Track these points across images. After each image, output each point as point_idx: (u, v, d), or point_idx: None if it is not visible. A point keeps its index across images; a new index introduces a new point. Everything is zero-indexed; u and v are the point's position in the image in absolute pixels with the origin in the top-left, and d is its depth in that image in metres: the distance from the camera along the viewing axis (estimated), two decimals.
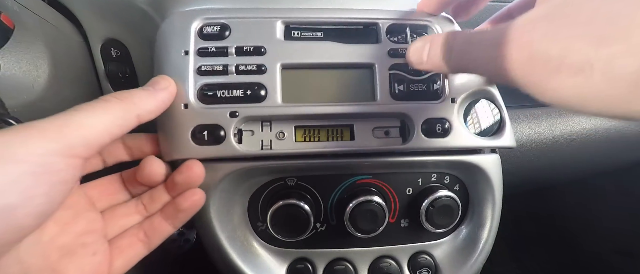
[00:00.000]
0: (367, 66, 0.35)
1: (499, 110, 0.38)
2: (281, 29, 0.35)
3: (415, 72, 0.36)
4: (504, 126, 0.38)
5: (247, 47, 0.34)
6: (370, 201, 0.38)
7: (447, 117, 0.36)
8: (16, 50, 0.32)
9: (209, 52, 0.33)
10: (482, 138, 0.37)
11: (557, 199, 0.86)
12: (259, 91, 0.34)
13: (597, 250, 0.80)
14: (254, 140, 0.35)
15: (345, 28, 0.37)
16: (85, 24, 0.41)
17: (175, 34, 0.34)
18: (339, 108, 0.35)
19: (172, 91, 0.32)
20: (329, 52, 0.35)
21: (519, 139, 0.52)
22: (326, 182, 0.40)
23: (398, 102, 0.35)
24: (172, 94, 0.32)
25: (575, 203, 0.83)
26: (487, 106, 0.38)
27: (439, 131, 0.36)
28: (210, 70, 0.33)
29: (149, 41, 0.37)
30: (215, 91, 0.33)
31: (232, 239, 0.39)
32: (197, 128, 0.33)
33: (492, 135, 0.38)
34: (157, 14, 0.38)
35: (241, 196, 0.39)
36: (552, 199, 0.87)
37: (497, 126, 0.38)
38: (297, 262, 0.41)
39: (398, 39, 0.36)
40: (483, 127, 0.38)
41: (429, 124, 0.35)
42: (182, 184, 0.32)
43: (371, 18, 0.36)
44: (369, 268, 0.42)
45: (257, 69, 0.33)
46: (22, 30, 0.33)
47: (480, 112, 0.38)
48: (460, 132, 0.36)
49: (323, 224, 0.41)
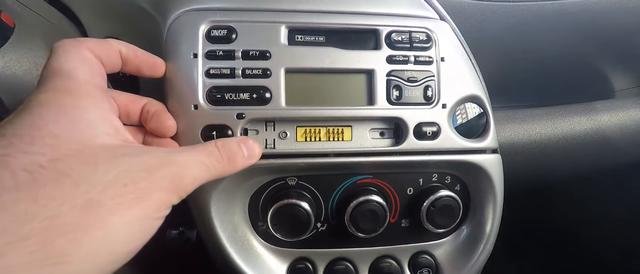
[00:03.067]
0: (367, 72, 0.36)
1: (485, 113, 0.40)
2: (285, 33, 0.36)
3: (411, 79, 0.37)
4: (489, 129, 0.40)
5: (253, 51, 0.35)
6: (371, 201, 0.38)
7: (437, 121, 0.38)
8: (17, 49, 0.32)
9: (216, 56, 0.35)
10: (468, 140, 0.39)
11: (558, 199, 0.86)
12: (264, 94, 0.35)
13: (597, 250, 0.80)
14: (259, 139, 0.36)
15: (347, 33, 0.37)
16: (86, 22, 0.41)
17: (183, 36, 0.35)
18: (339, 111, 0.36)
19: (258, 157, 0.33)
20: (330, 58, 0.36)
21: (520, 139, 0.52)
22: (327, 182, 0.40)
23: (394, 107, 0.37)
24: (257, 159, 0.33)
25: (576, 203, 0.83)
26: (474, 110, 0.40)
27: (428, 134, 0.38)
28: (219, 73, 0.34)
29: (149, 40, 0.37)
30: (223, 94, 0.34)
31: (232, 239, 0.39)
32: (206, 128, 0.34)
33: (477, 137, 0.40)
34: (157, 12, 0.38)
35: (242, 196, 0.39)
36: (552, 199, 0.87)
37: (482, 128, 0.40)
38: (297, 262, 0.41)
39: (397, 45, 0.37)
40: (469, 130, 0.40)
41: (420, 128, 0.38)
42: None
43: (371, 24, 0.37)
44: (370, 267, 0.42)
45: (263, 73, 0.35)
46: (23, 29, 0.33)
47: (468, 116, 0.40)
48: (448, 135, 0.38)
49: (324, 224, 0.41)
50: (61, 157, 0.22)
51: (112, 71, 0.30)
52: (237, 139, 0.32)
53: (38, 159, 0.21)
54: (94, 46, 0.28)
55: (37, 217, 0.20)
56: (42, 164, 0.21)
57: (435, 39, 0.38)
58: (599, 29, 0.53)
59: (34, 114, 0.23)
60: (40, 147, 0.22)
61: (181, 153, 0.27)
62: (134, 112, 0.32)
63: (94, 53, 0.28)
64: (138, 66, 0.32)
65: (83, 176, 0.22)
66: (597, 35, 0.54)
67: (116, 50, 0.30)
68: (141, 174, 0.24)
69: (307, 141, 0.36)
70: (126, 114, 0.32)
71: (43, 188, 0.21)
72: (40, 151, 0.22)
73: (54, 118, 0.23)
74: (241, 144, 0.31)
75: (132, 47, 0.31)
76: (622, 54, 0.59)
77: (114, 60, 0.30)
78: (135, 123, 0.33)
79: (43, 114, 0.23)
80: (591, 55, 0.59)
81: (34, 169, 0.21)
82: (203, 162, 0.27)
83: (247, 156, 0.31)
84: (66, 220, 0.20)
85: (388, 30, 0.37)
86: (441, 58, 0.38)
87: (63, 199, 0.21)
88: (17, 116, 0.23)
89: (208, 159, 0.28)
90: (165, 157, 0.25)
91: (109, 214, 0.22)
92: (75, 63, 0.26)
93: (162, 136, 0.33)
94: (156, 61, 0.33)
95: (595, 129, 0.53)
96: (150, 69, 0.33)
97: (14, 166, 0.21)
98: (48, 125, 0.23)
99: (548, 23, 0.50)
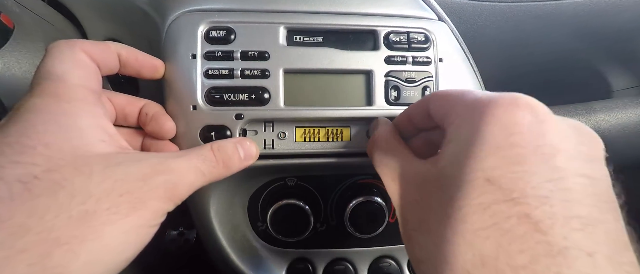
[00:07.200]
0: (365, 73, 0.37)
1: None
2: (284, 34, 0.36)
3: (409, 80, 0.37)
4: None
5: (252, 52, 0.35)
6: (370, 201, 0.38)
7: None
8: (16, 50, 0.32)
9: (215, 56, 0.35)
10: None
11: None
12: (263, 94, 0.35)
13: None
14: (257, 139, 0.36)
15: (345, 34, 0.37)
16: (85, 23, 0.41)
17: (182, 37, 0.35)
18: (337, 112, 0.36)
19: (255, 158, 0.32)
20: (329, 58, 0.36)
21: None
22: (326, 183, 0.40)
23: (392, 108, 0.36)
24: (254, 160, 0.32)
25: None
26: None
27: None
28: (217, 74, 0.34)
29: (149, 41, 0.37)
30: (222, 94, 0.34)
31: (231, 240, 0.39)
32: (205, 128, 0.34)
33: None
34: (157, 13, 0.38)
35: (241, 196, 0.39)
36: None
37: None
38: (297, 262, 0.41)
39: (395, 46, 0.37)
40: None
41: None
42: None
43: (370, 25, 0.37)
44: (369, 268, 0.42)
45: (261, 74, 0.35)
46: (22, 30, 0.33)
47: None
48: None
49: (323, 224, 0.41)
50: (55, 167, 0.22)
51: (108, 74, 0.30)
52: (234, 140, 0.31)
53: (32, 170, 0.21)
54: (89, 48, 0.27)
55: (33, 229, 0.20)
56: (37, 175, 0.21)
57: (433, 40, 0.38)
58: (597, 29, 0.54)
59: (25, 121, 0.23)
60: (33, 157, 0.21)
61: (176, 160, 0.26)
62: (131, 114, 0.32)
63: (89, 55, 0.27)
64: (138, 69, 0.32)
65: (78, 187, 0.22)
66: (596, 36, 0.55)
67: (113, 53, 0.30)
68: (136, 184, 0.23)
69: (306, 141, 0.36)
70: (124, 116, 0.32)
71: (37, 199, 0.20)
72: (33, 162, 0.21)
73: (44, 126, 0.23)
74: (237, 145, 0.31)
75: (132, 50, 0.31)
76: (621, 54, 0.59)
77: (111, 62, 0.29)
78: (133, 125, 0.33)
79: (33, 121, 0.23)
80: (590, 55, 0.59)
81: (28, 180, 0.21)
82: (198, 169, 0.27)
83: (244, 157, 0.31)
84: (62, 232, 0.20)
85: (386, 31, 0.37)
86: (439, 59, 0.38)
87: (58, 211, 0.21)
88: (7, 123, 0.23)
89: (203, 165, 0.27)
90: (160, 164, 0.25)
91: (105, 224, 0.22)
92: (68, 65, 0.25)
93: (161, 138, 0.33)
94: (156, 63, 0.33)
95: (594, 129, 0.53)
96: (150, 72, 0.33)
97: (8, 177, 0.20)
98: (39, 133, 0.22)
99: (546, 23, 0.50)
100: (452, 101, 0.25)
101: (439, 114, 0.26)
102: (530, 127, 0.20)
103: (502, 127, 0.20)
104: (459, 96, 0.25)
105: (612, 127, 0.54)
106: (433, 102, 0.27)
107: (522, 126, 0.20)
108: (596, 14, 0.51)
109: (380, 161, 0.29)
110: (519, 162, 0.19)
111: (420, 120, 0.30)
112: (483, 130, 0.20)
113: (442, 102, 0.26)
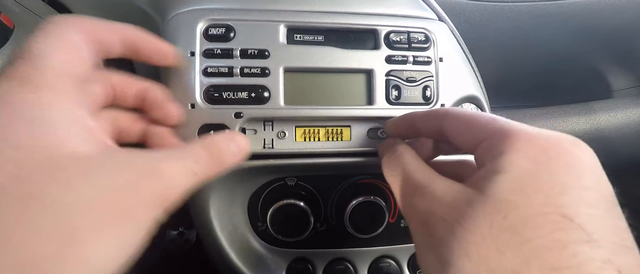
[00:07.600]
0: (366, 72, 0.36)
1: None
2: (284, 32, 0.36)
3: (410, 79, 0.37)
4: None
5: (252, 50, 0.35)
6: (370, 201, 0.38)
7: None
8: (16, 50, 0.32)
9: (214, 54, 0.34)
10: None
11: None
12: (263, 93, 0.34)
13: None
14: (257, 139, 0.36)
15: (346, 33, 0.37)
16: None
17: (181, 34, 0.34)
18: (338, 111, 0.36)
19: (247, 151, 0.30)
20: (329, 57, 0.36)
21: None
22: (326, 182, 0.40)
23: (393, 107, 0.36)
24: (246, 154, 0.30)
25: None
26: (472, 110, 0.40)
27: None
28: (216, 72, 0.34)
29: None
30: (221, 92, 0.34)
31: (231, 240, 0.39)
32: (203, 127, 0.34)
33: None
34: (157, 13, 0.38)
35: (241, 196, 0.39)
36: None
37: None
38: (296, 262, 0.41)
39: (395, 46, 0.37)
40: None
41: None
42: None
43: (370, 24, 0.37)
44: (369, 268, 0.42)
45: (261, 72, 0.34)
46: (22, 30, 0.33)
47: None
48: None
49: (323, 224, 0.41)
50: (26, 175, 0.18)
51: (105, 57, 0.27)
52: (224, 134, 0.29)
53: None
54: (89, 26, 0.24)
55: (5, 252, 0.17)
56: (5, 185, 0.18)
57: (433, 40, 0.38)
58: (597, 29, 0.54)
59: None
60: None
61: (168, 162, 0.23)
62: (130, 95, 0.29)
63: (86, 34, 0.24)
64: (149, 55, 0.29)
65: (55, 199, 0.18)
66: (596, 36, 0.55)
67: (117, 35, 0.26)
68: (122, 193, 0.20)
69: (306, 140, 0.36)
70: (123, 97, 0.29)
71: (8, 214, 0.17)
72: None
73: (8, 120, 0.19)
74: (228, 139, 0.28)
75: (147, 36, 0.28)
76: (621, 54, 0.59)
77: (111, 45, 0.26)
78: (131, 106, 0.30)
79: None
80: (589, 55, 0.59)
81: None
82: (191, 170, 0.24)
83: (237, 151, 0.28)
84: (38, 252, 0.17)
85: (387, 30, 0.37)
86: (440, 58, 0.38)
87: (32, 228, 0.17)
88: None
89: (196, 165, 0.25)
90: (150, 165, 0.22)
91: (89, 242, 0.19)
92: (51, 44, 0.22)
93: (166, 125, 0.31)
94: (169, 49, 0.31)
95: (594, 129, 0.53)
96: (160, 58, 0.30)
97: None
98: (5, 129, 0.19)
99: (546, 23, 0.50)
100: (481, 128, 0.24)
101: (461, 139, 0.25)
102: (592, 170, 0.21)
103: (570, 168, 0.21)
104: (488, 123, 0.24)
105: (612, 127, 0.54)
106: (450, 123, 0.26)
107: (587, 170, 0.21)
108: (596, 14, 0.51)
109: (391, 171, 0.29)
110: (591, 204, 0.19)
111: (427, 132, 0.30)
112: (553, 166, 0.20)
113: (464, 127, 0.25)
